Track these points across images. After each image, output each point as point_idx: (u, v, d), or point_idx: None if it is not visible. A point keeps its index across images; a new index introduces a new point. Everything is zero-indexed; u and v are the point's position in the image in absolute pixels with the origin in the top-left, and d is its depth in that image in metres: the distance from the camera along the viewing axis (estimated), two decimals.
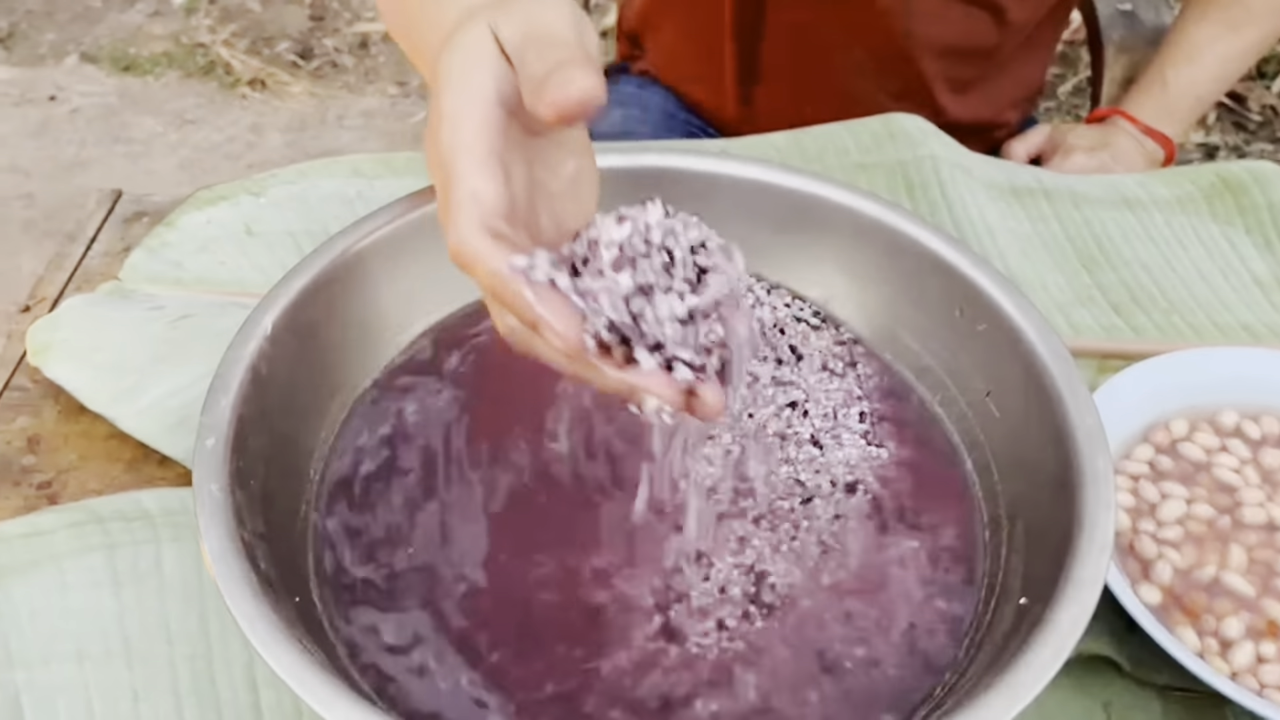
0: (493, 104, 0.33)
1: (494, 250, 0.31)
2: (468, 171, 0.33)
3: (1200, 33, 0.79)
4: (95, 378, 0.51)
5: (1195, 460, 0.48)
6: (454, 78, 0.34)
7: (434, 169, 0.34)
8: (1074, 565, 0.35)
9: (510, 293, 0.31)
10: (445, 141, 0.33)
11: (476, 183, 0.32)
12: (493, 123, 0.33)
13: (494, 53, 0.34)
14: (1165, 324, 0.59)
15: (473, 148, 0.33)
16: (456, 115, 0.33)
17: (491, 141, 0.33)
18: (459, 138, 0.33)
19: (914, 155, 0.67)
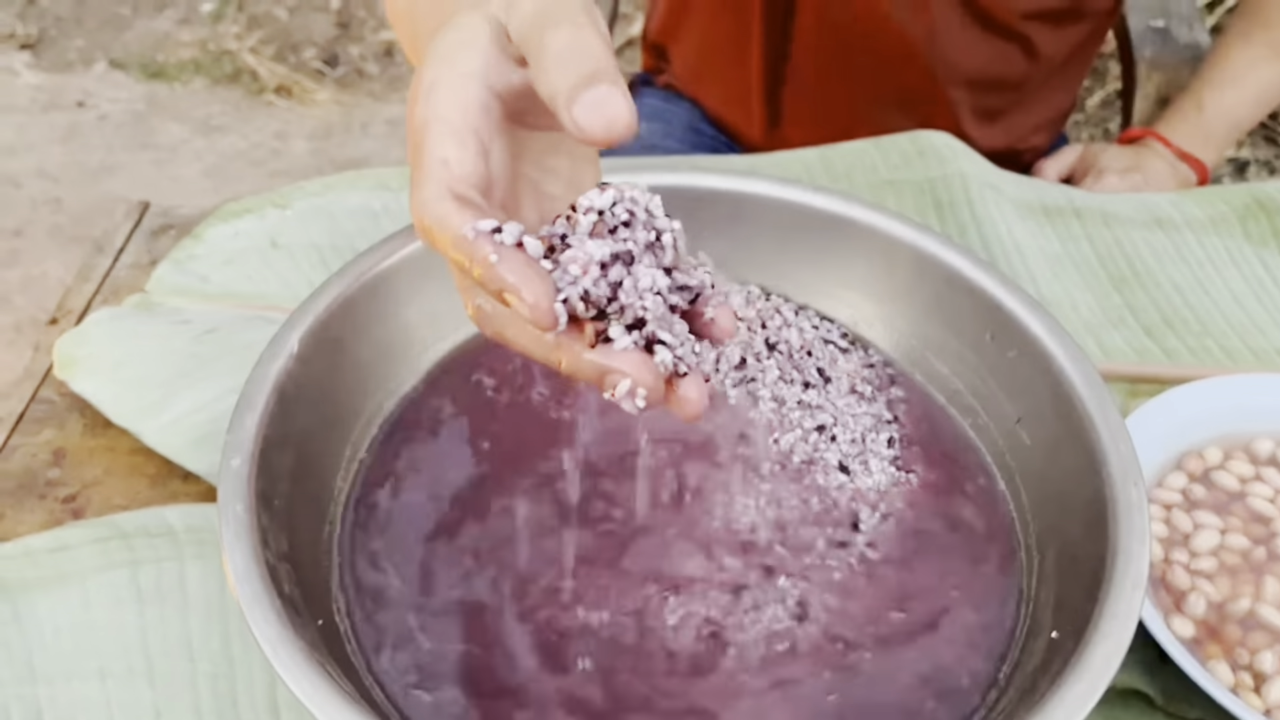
0: (477, 81, 0.31)
1: (458, 213, 0.29)
2: (439, 139, 0.30)
3: (1242, 56, 0.78)
4: (121, 392, 0.51)
5: (1229, 489, 0.47)
6: (440, 52, 0.32)
7: (410, 146, 0.31)
8: (1108, 600, 0.34)
9: (476, 258, 0.28)
10: (419, 113, 0.31)
11: (448, 150, 0.30)
12: (474, 98, 0.31)
13: (488, 36, 0.32)
14: (1198, 347, 0.58)
15: (448, 118, 0.30)
16: (435, 85, 0.31)
17: (469, 116, 0.30)
18: (435, 109, 0.30)
19: (943, 173, 0.67)
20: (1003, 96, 0.82)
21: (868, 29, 0.76)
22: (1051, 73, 0.83)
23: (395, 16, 0.47)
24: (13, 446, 0.52)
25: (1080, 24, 0.80)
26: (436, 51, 0.32)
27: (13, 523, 0.49)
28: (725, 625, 0.38)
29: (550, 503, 0.41)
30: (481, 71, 0.31)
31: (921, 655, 0.38)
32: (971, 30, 0.77)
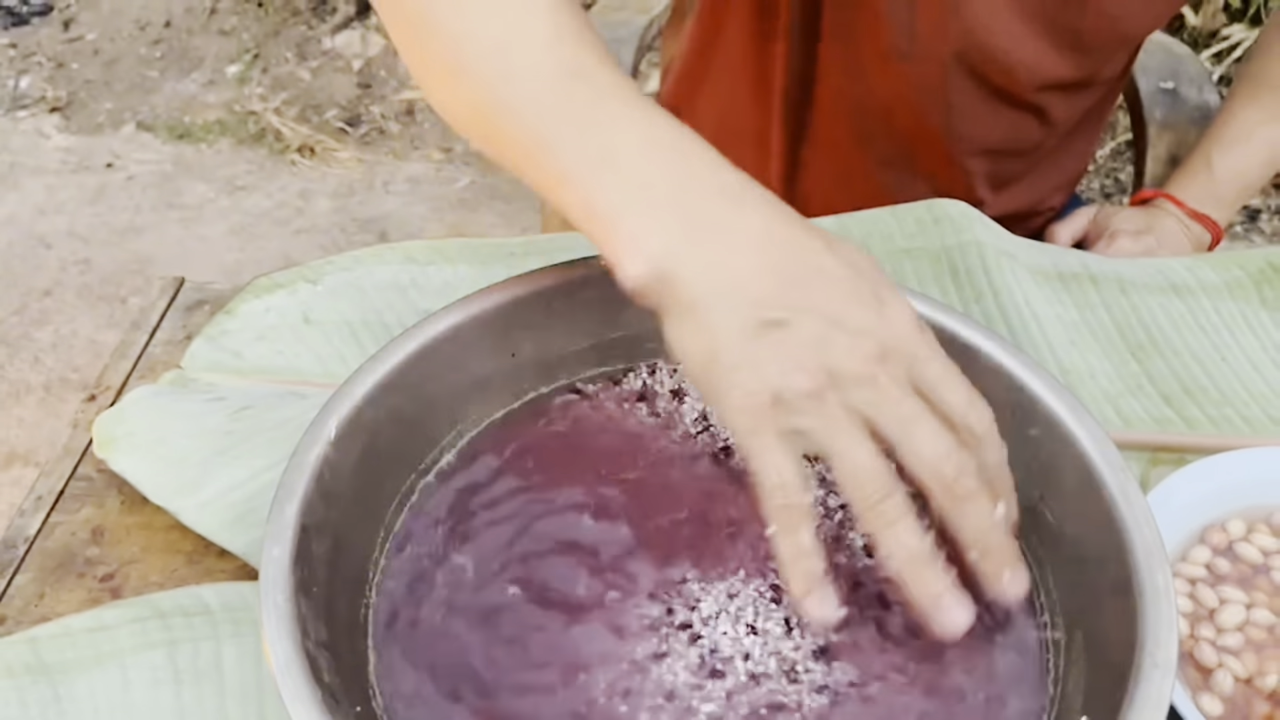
0: None
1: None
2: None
3: (1249, 116, 0.79)
4: (159, 471, 0.52)
5: (1253, 562, 0.47)
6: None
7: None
8: (1137, 686, 0.34)
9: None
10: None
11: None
12: None
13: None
14: (1218, 416, 0.58)
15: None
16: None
17: None
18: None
19: (958, 241, 0.68)
20: (1017, 163, 0.83)
21: (885, 104, 0.78)
22: (1064, 138, 0.84)
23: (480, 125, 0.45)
24: (52, 524, 0.53)
25: (1091, 90, 0.81)
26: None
27: (53, 601, 0.50)
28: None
29: (587, 588, 0.42)
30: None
31: None
32: (986, 104, 0.78)
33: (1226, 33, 1.91)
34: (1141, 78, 0.93)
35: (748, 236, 0.39)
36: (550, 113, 0.40)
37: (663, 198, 0.39)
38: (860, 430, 0.37)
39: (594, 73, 0.41)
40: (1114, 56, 0.79)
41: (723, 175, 0.40)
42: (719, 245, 0.38)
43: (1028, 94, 0.77)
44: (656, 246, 0.38)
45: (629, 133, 0.40)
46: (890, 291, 0.39)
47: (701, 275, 0.38)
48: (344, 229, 1.79)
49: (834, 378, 0.37)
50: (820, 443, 0.37)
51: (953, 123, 0.78)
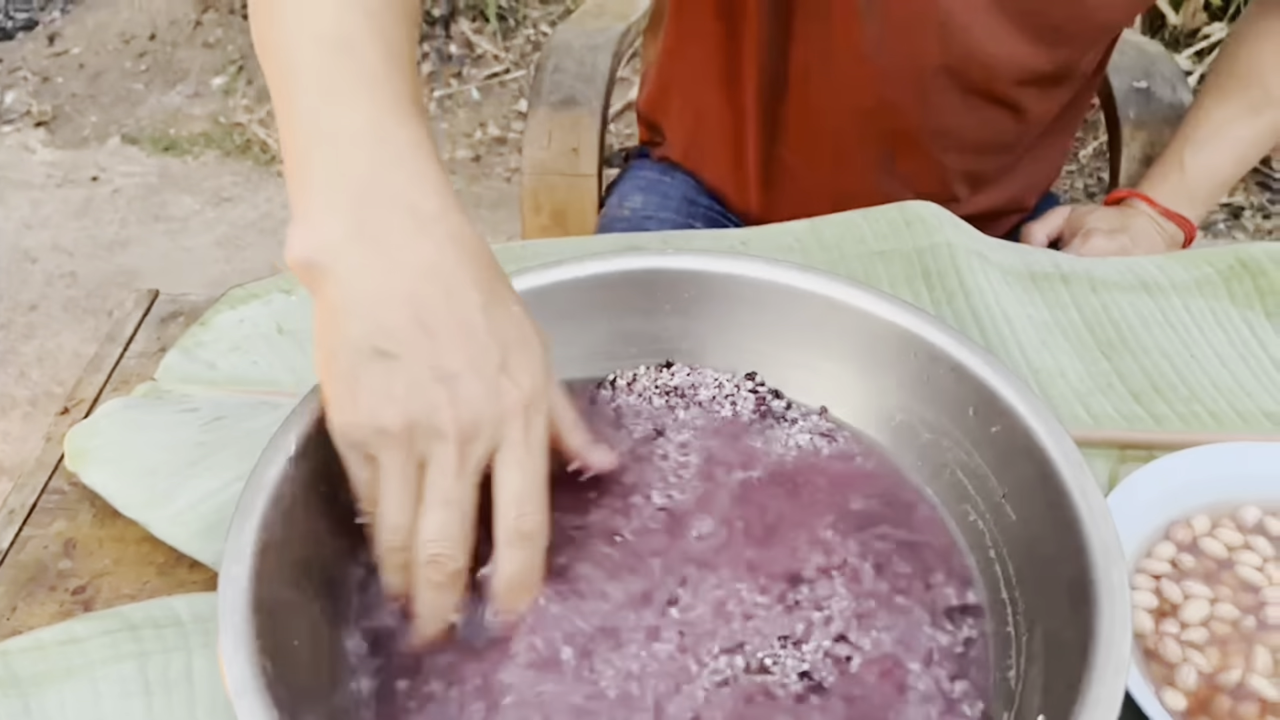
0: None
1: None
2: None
3: (1219, 114, 0.79)
4: (130, 483, 0.52)
5: (1218, 558, 0.48)
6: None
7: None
8: (1091, 684, 0.35)
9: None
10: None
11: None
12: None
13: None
14: (1187, 412, 0.59)
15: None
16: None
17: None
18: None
19: (930, 242, 0.68)
20: (994, 160, 0.84)
21: (860, 103, 0.78)
22: (1041, 135, 0.84)
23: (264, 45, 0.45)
24: (25, 538, 0.53)
25: (1067, 85, 0.82)
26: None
27: (25, 614, 0.50)
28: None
29: (553, 608, 0.42)
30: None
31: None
32: (964, 100, 0.78)
33: (1207, 31, 1.92)
34: (1115, 77, 0.94)
35: (410, 264, 0.39)
36: (303, 72, 0.41)
37: (353, 194, 0.39)
38: (408, 480, 0.39)
39: (362, 51, 0.41)
40: (1090, 48, 0.79)
41: (423, 196, 0.40)
42: (378, 260, 0.38)
43: (1005, 89, 0.77)
44: (322, 237, 0.39)
45: (358, 120, 0.40)
46: (523, 369, 0.39)
47: (348, 282, 0.38)
48: None
49: (413, 429, 0.38)
50: (381, 472, 0.39)
51: (930, 120, 0.79)
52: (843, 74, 0.77)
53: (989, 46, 0.74)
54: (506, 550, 0.40)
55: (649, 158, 0.97)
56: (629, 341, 0.51)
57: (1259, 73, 0.78)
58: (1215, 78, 0.81)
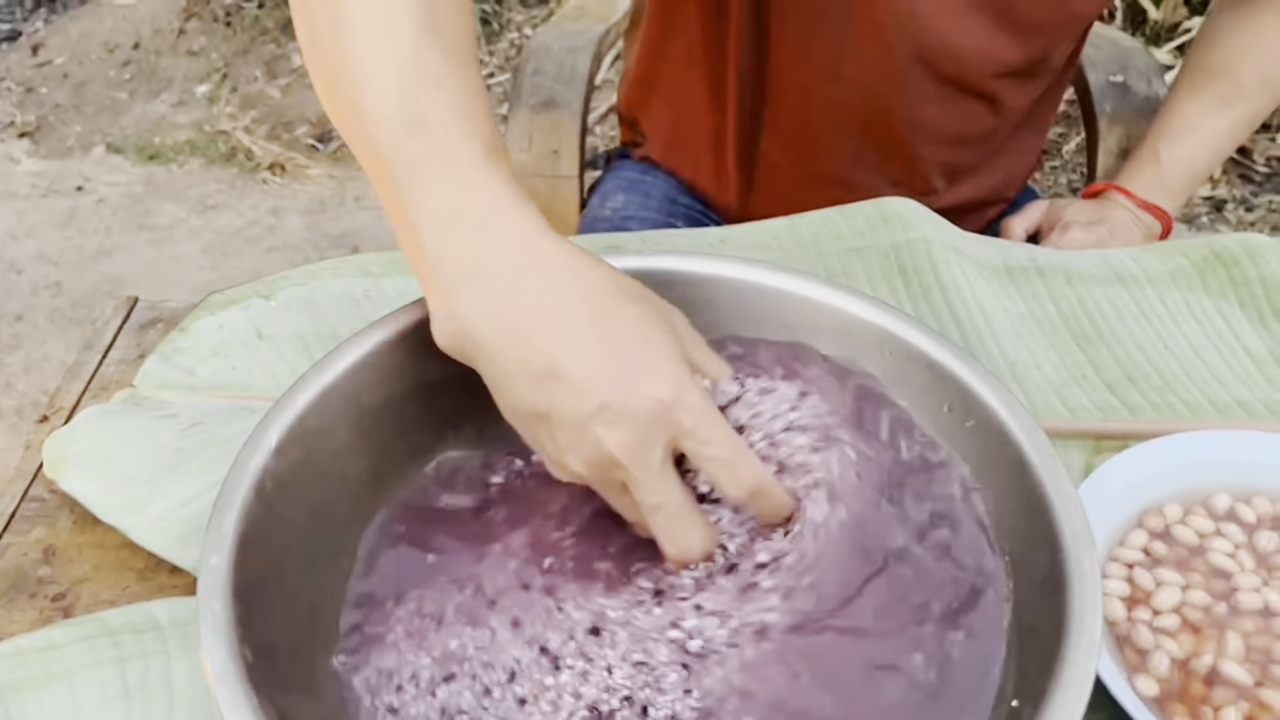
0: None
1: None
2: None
3: (1192, 107, 0.80)
4: (108, 490, 0.53)
5: (1189, 545, 0.48)
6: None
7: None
8: (1061, 669, 0.35)
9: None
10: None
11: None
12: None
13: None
14: (1161, 403, 0.59)
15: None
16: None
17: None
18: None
19: (906, 238, 0.68)
20: (970, 152, 0.84)
21: (839, 99, 0.79)
22: (1016, 126, 0.85)
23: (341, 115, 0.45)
24: (4, 545, 0.53)
25: (1041, 77, 0.82)
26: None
27: (4, 622, 0.50)
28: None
29: (535, 607, 0.42)
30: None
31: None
32: (940, 93, 0.79)
33: (1188, 25, 1.94)
34: (1091, 72, 0.94)
35: (523, 316, 0.40)
36: (387, 160, 0.41)
37: (470, 265, 0.40)
38: (624, 495, 0.41)
39: (434, 126, 0.41)
40: (1063, 39, 0.80)
41: (516, 246, 0.41)
42: (503, 330, 0.40)
43: (979, 81, 0.78)
44: (460, 308, 0.40)
45: (448, 196, 0.41)
46: (660, 366, 0.40)
47: (490, 355, 0.40)
48: (316, 245, 1.79)
49: (595, 468, 0.40)
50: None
51: (906, 112, 0.79)
52: (820, 68, 0.78)
53: (959, 39, 0.75)
54: (753, 507, 0.41)
55: (630, 158, 0.98)
56: None
57: (1229, 65, 0.79)
58: (1187, 71, 0.82)
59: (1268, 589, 0.46)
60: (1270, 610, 0.46)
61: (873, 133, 0.82)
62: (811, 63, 0.78)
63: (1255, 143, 1.85)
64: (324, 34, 0.43)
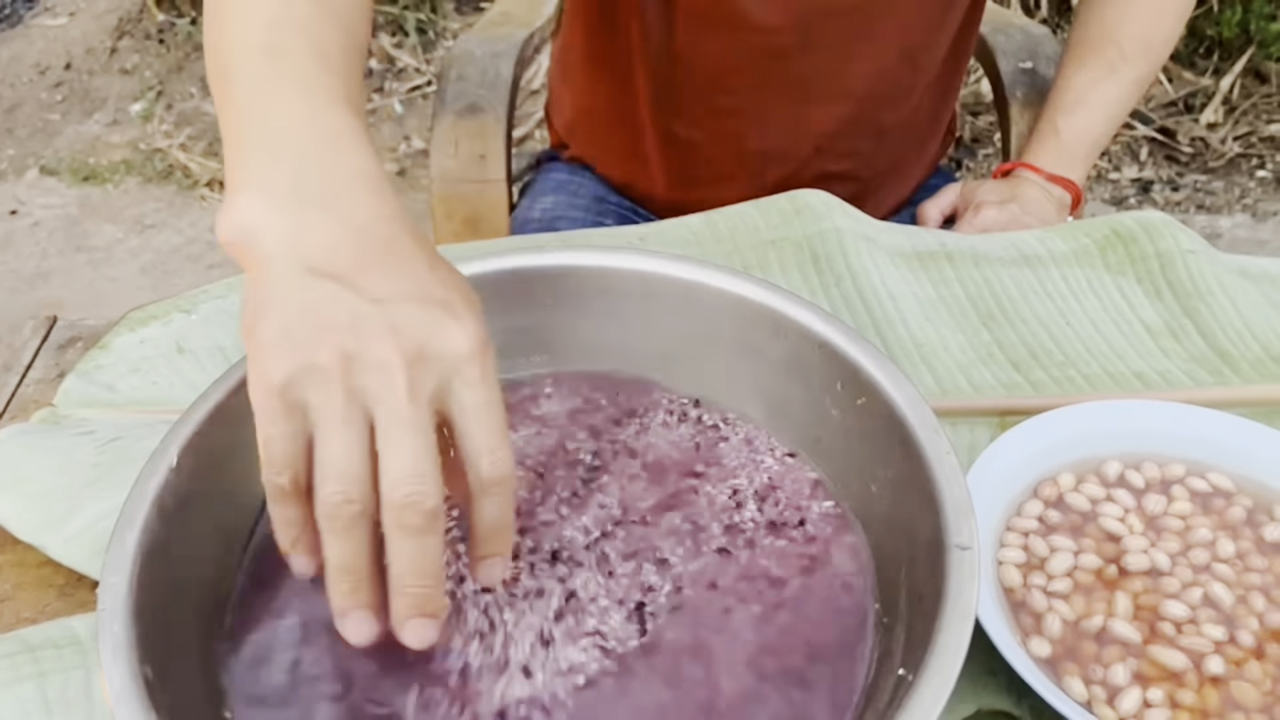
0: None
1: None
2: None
3: (1081, 79, 0.83)
4: (25, 507, 0.53)
5: (1082, 511, 0.50)
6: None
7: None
8: (939, 635, 0.36)
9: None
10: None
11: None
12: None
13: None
14: (1062, 377, 0.61)
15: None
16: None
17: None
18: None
19: (819, 229, 0.70)
20: (889, 112, 0.87)
21: (749, 62, 0.80)
22: (929, 85, 0.87)
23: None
24: None
25: (945, 30, 0.85)
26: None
27: None
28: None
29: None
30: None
31: (781, 695, 0.40)
32: (849, 47, 0.81)
33: None
34: (1002, 59, 0.97)
35: (345, 218, 0.37)
36: (238, 81, 0.43)
37: (282, 169, 0.39)
38: (350, 421, 0.35)
39: (293, 59, 0.42)
40: None
41: (357, 169, 0.39)
42: (310, 217, 0.37)
43: (888, 34, 0.80)
44: (251, 207, 0.38)
45: (288, 112, 0.40)
46: (467, 310, 0.37)
47: (280, 238, 0.37)
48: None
49: (351, 358, 0.35)
50: (313, 422, 0.35)
51: (820, 69, 0.81)
52: (727, 37, 0.80)
53: None
54: (483, 500, 0.37)
55: (560, 160, 0.99)
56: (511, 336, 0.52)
57: (1110, 34, 0.82)
58: (1072, 45, 0.85)
59: (1155, 550, 0.48)
60: (1158, 570, 0.47)
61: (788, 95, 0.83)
62: (715, 31, 0.80)
63: (1179, 124, 1.90)
64: (211, 7, 0.46)
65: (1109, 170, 1.85)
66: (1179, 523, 0.49)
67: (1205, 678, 0.44)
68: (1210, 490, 0.51)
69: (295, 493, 0.37)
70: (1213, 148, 1.86)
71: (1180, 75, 1.93)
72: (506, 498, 0.38)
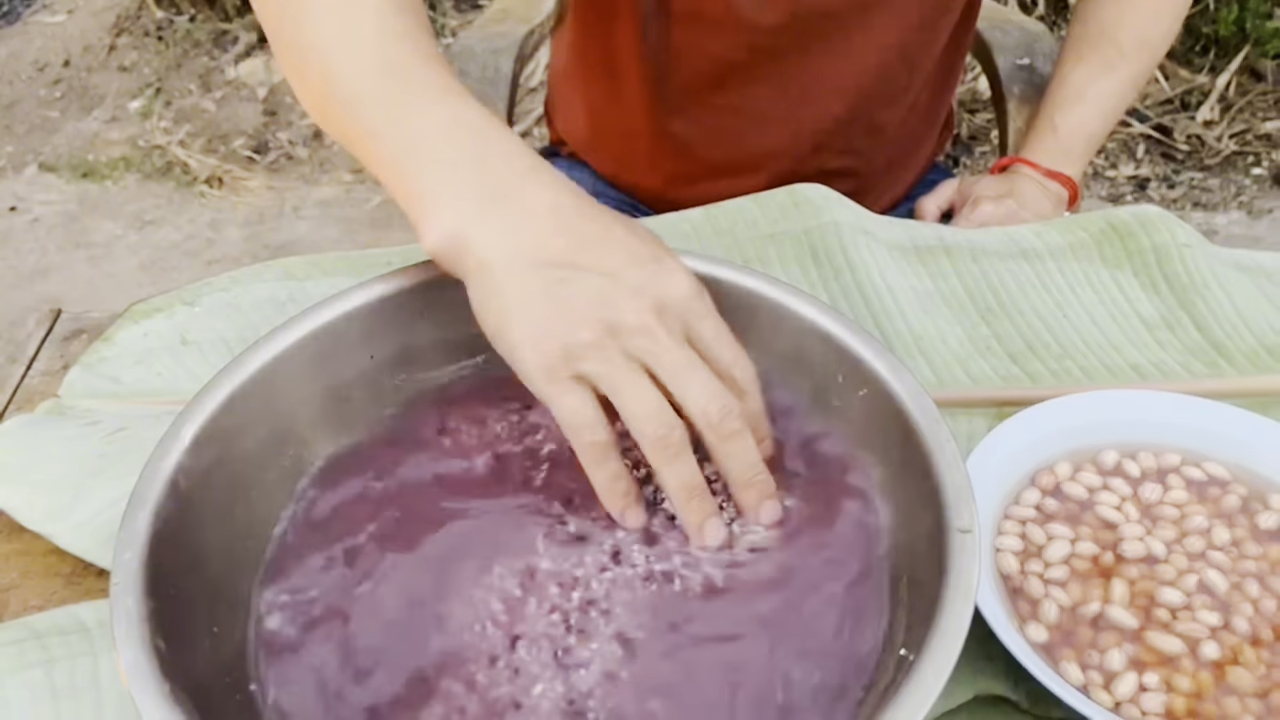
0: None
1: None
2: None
3: (1079, 75, 0.84)
4: (31, 496, 0.53)
5: (1079, 499, 0.51)
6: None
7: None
8: (940, 615, 0.37)
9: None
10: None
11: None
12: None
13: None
14: (1059, 369, 0.62)
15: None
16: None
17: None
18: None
19: (818, 223, 0.71)
20: (884, 111, 0.87)
21: (741, 59, 0.81)
22: (925, 84, 0.88)
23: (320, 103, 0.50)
24: None
25: (942, 27, 0.85)
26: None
27: None
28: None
29: (447, 601, 0.43)
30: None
31: (786, 675, 0.40)
32: (845, 43, 0.81)
33: None
34: (999, 56, 0.98)
35: (537, 206, 0.43)
36: (369, 105, 0.45)
37: (460, 174, 0.43)
38: (639, 374, 0.41)
39: (409, 68, 0.46)
40: None
41: (517, 155, 0.44)
42: (510, 213, 0.42)
43: (884, 32, 0.81)
44: (452, 215, 0.43)
45: (433, 120, 0.44)
46: (670, 258, 0.43)
47: (492, 240, 0.42)
48: (256, 256, 1.78)
49: (614, 329, 0.41)
50: (607, 385, 0.41)
51: (814, 67, 0.82)
52: (723, 36, 0.80)
53: None
54: (745, 401, 0.44)
55: (559, 155, 1.00)
56: None
57: (1107, 31, 0.83)
58: (1070, 42, 0.86)
59: (1150, 537, 0.49)
60: (1153, 557, 0.48)
61: (782, 92, 0.84)
62: (706, 29, 0.80)
63: (1176, 122, 1.90)
64: (288, 18, 0.49)
65: (1106, 168, 1.85)
66: (1175, 511, 0.50)
67: (1201, 663, 0.44)
68: (1206, 479, 0.52)
69: (613, 446, 0.42)
70: (1209, 145, 1.86)
71: (1177, 73, 1.94)
72: (758, 398, 0.45)
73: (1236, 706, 0.43)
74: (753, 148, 0.87)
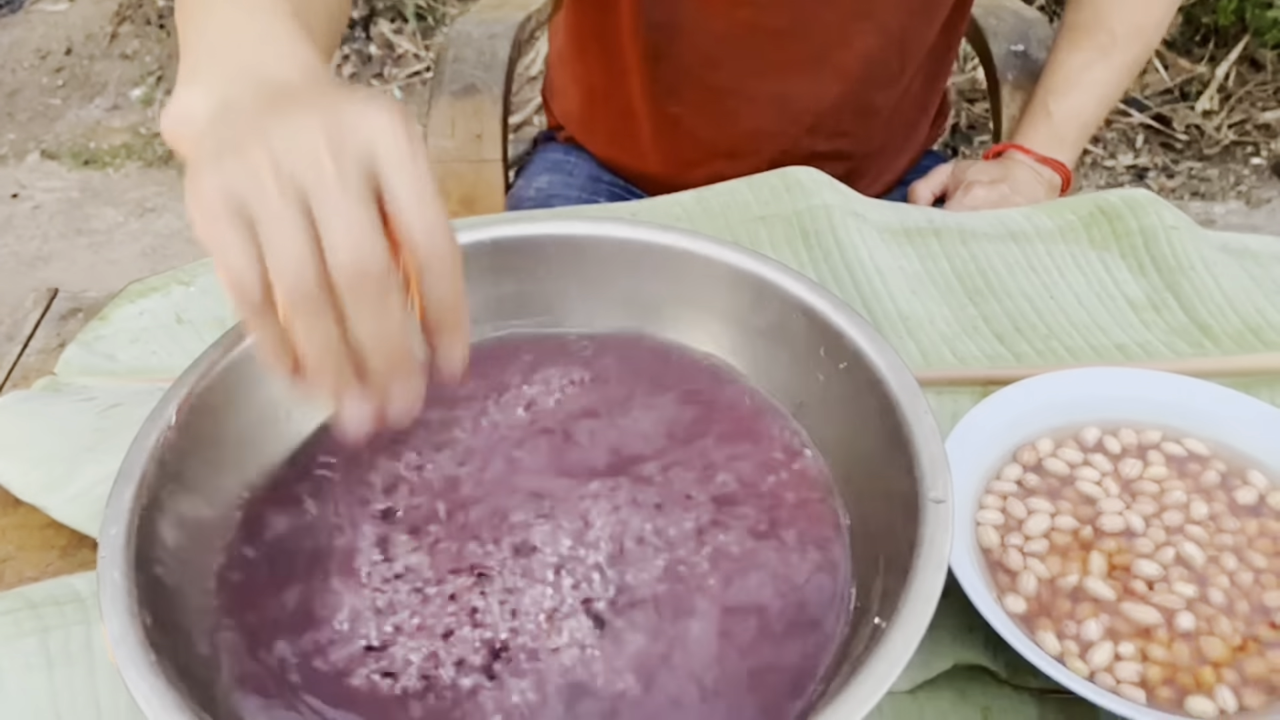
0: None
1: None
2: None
3: (1074, 61, 0.84)
4: (27, 469, 0.54)
5: (1060, 474, 0.51)
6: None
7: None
8: (912, 583, 0.38)
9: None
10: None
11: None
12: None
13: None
14: (1045, 349, 0.62)
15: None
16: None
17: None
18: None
19: (808, 205, 0.71)
20: (879, 93, 0.87)
21: (740, 43, 0.81)
22: (919, 67, 0.88)
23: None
24: None
25: (938, 9, 0.86)
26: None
27: None
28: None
29: (427, 567, 0.44)
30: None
31: (760, 657, 0.41)
32: (842, 28, 0.82)
33: None
34: (994, 42, 0.98)
35: (270, 76, 0.39)
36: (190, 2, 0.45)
37: (222, 62, 0.42)
38: (293, 213, 0.34)
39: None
40: None
41: (293, 53, 0.42)
42: (237, 85, 0.39)
43: (883, 15, 0.81)
44: (190, 95, 0.41)
45: (230, 18, 0.43)
46: (390, 102, 0.36)
47: (211, 109, 0.39)
48: None
49: (278, 152, 0.34)
50: (257, 228, 0.34)
51: (812, 50, 0.82)
52: (718, 17, 0.81)
53: None
54: (426, 278, 0.36)
55: (556, 140, 1.00)
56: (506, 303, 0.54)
57: (1102, 18, 0.83)
58: (1065, 29, 0.86)
59: (1129, 512, 0.49)
60: (1131, 530, 0.49)
61: (778, 74, 0.84)
62: (709, 15, 0.80)
63: (1175, 111, 1.90)
64: None
65: (1104, 157, 1.86)
66: (1154, 486, 0.51)
67: (1176, 633, 0.45)
68: (1186, 455, 0.52)
69: (270, 306, 0.35)
70: (1208, 135, 1.86)
71: (1176, 63, 1.94)
72: (450, 272, 0.36)
73: (1210, 676, 0.43)
74: (748, 129, 0.88)
